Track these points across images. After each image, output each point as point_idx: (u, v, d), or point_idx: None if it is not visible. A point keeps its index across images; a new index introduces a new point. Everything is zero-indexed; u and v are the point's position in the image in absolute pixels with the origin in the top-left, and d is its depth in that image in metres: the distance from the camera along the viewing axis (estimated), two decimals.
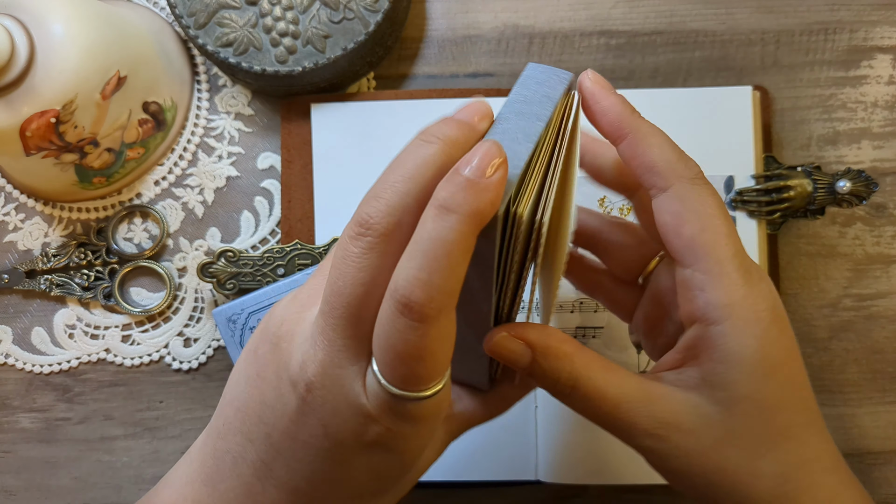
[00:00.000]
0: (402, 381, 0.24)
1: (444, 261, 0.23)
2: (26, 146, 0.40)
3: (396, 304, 0.23)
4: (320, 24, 0.42)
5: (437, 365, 0.25)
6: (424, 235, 0.23)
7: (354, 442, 0.26)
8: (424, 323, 0.23)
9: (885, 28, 0.46)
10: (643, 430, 0.28)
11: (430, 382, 0.25)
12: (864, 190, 0.43)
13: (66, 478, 0.46)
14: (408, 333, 0.23)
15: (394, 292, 0.23)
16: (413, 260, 0.23)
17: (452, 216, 0.23)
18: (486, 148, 0.24)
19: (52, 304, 0.46)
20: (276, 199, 0.46)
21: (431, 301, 0.23)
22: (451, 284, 0.23)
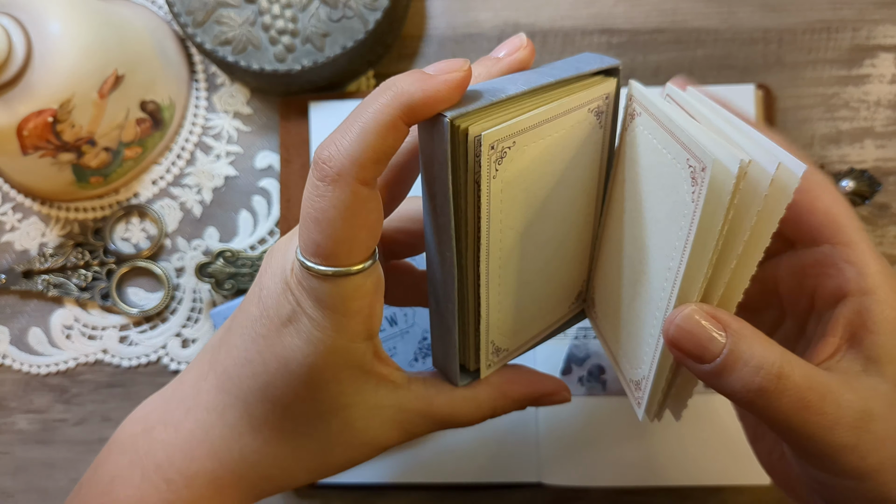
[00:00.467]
0: (304, 248, 0.25)
1: (356, 125, 0.23)
2: (23, 145, 0.40)
3: (312, 167, 0.24)
4: (319, 23, 0.42)
5: (335, 236, 0.24)
6: (357, 107, 0.24)
7: (275, 313, 0.27)
8: (325, 182, 0.24)
9: (887, 27, 0.46)
10: (848, 423, 0.25)
11: (331, 257, 0.25)
12: (867, 189, 0.43)
13: (64, 479, 0.46)
14: (311, 192, 0.24)
15: (314, 156, 0.24)
16: (337, 127, 0.24)
17: (385, 93, 0.24)
18: (455, 60, 0.25)
19: (50, 304, 0.46)
20: (274, 199, 0.46)
21: (332, 159, 0.23)
22: (359, 151, 0.23)
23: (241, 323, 0.28)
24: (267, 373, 0.27)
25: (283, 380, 0.27)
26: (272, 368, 0.27)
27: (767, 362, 0.25)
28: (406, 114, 0.24)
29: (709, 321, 0.25)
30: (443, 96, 0.24)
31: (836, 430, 0.25)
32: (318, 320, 0.26)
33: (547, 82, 0.27)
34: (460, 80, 0.24)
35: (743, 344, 0.25)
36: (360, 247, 0.25)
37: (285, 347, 0.27)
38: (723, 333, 0.25)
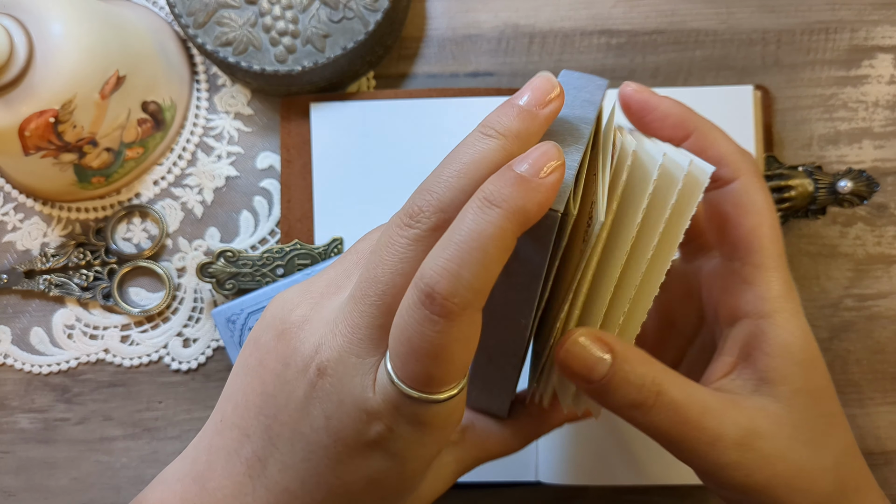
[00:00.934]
0: (413, 379, 0.23)
1: (477, 254, 0.21)
2: (25, 146, 0.40)
3: (419, 294, 0.22)
4: (320, 24, 0.42)
5: (452, 368, 0.23)
6: (461, 227, 0.22)
7: (355, 440, 0.25)
8: (445, 318, 0.22)
9: (886, 27, 0.46)
10: (732, 441, 0.27)
11: (442, 386, 0.23)
12: (865, 190, 0.43)
13: (65, 478, 0.46)
14: (426, 327, 0.22)
15: (419, 281, 0.22)
16: (445, 250, 0.22)
17: (495, 210, 0.21)
18: (545, 149, 0.23)
19: (51, 304, 0.46)
20: (275, 199, 0.46)
21: (456, 295, 0.21)
22: (481, 282, 0.22)
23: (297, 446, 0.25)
24: (350, 493, 0.26)
25: (369, 493, 0.26)
26: (357, 488, 0.26)
27: (647, 380, 0.27)
28: (521, 230, 0.22)
29: (596, 344, 0.27)
30: (551, 202, 0.22)
31: (717, 447, 0.27)
32: (416, 439, 0.25)
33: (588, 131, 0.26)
34: (561, 175, 0.22)
35: (626, 365, 0.27)
36: (468, 367, 0.24)
37: (374, 470, 0.25)
38: (608, 356, 0.27)
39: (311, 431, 0.25)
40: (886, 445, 0.44)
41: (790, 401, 0.28)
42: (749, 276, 0.28)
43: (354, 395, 0.24)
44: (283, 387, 0.26)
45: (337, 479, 0.25)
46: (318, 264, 0.42)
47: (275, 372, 0.26)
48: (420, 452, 0.25)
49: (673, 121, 0.29)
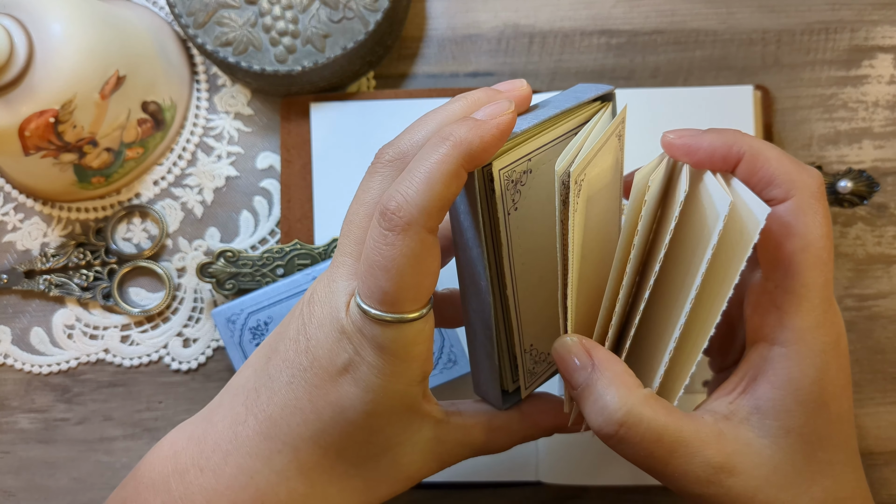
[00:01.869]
0: (369, 295, 0.25)
1: (423, 176, 0.24)
2: (25, 146, 0.40)
3: (377, 215, 0.25)
4: (320, 24, 0.42)
5: (403, 284, 0.25)
6: (417, 158, 0.25)
7: (329, 362, 0.27)
8: (394, 232, 0.24)
9: (886, 27, 0.46)
10: (697, 478, 0.27)
11: (397, 305, 0.25)
12: (865, 190, 0.43)
13: (65, 478, 0.46)
14: (379, 241, 0.25)
15: (378, 205, 0.25)
16: (401, 177, 0.25)
17: (444, 142, 0.25)
18: (499, 103, 0.26)
19: (51, 304, 0.46)
20: (275, 199, 0.46)
21: (402, 209, 0.24)
22: (427, 201, 0.24)
23: (284, 370, 0.28)
24: (320, 420, 0.27)
25: (338, 427, 0.27)
26: (326, 416, 0.27)
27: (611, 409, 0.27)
28: (467, 161, 0.25)
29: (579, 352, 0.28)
30: (496, 141, 0.25)
31: (685, 482, 0.27)
32: (378, 367, 0.26)
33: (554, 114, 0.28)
34: (509, 122, 0.25)
35: (600, 382, 0.27)
36: (424, 293, 0.26)
37: (342, 396, 0.27)
38: (589, 368, 0.28)
39: (295, 354, 0.28)
40: (887, 445, 0.44)
41: (779, 439, 0.27)
42: (779, 299, 0.27)
43: (332, 315, 0.27)
44: (286, 325, 0.29)
45: (310, 403, 0.27)
46: (319, 264, 0.42)
47: (286, 321, 0.29)
48: (383, 384, 0.27)
49: (720, 153, 0.28)
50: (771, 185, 0.28)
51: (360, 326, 0.26)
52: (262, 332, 0.42)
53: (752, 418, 0.27)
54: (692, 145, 0.29)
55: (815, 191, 0.27)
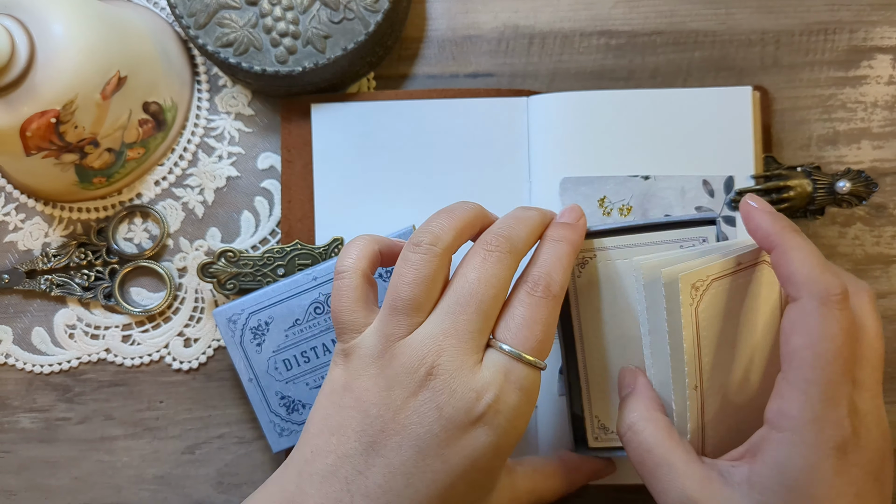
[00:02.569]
0: (523, 342, 0.31)
1: (560, 264, 0.33)
2: (26, 146, 0.40)
3: (528, 287, 0.32)
4: (320, 25, 0.43)
5: (549, 336, 0.32)
6: (548, 251, 0.34)
7: (465, 417, 0.30)
8: (547, 299, 0.32)
9: (884, 28, 0.46)
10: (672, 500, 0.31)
11: (542, 352, 0.31)
12: (863, 190, 0.43)
13: (66, 478, 0.46)
14: (535, 305, 0.32)
15: (526, 282, 0.32)
16: (541, 264, 0.33)
17: (563, 243, 0.34)
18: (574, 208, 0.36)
19: (53, 304, 0.46)
20: (276, 200, 0.46)
21: (550, 286, 0.32)
22: (562, 280, 0.33)
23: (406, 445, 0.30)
24: (451, 474, 0.30)
25: (467, 475, 0.31)
26: (458, 469, 0.30)
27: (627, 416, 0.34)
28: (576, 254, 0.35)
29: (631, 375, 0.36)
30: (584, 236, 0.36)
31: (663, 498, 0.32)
32: (517, 407, 0.31)
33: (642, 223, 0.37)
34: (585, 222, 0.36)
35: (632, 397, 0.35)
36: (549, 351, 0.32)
37: (476, 447, 0.30)
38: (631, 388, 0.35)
39: (420, 426, 0.30)
40: None
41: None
42: (781, 388, 0.30)
43: (465, 381, 0.30)
44: (389, 402, 0.31)
45: (442, 463, 0.30)
46: (319, 264, 0.43)
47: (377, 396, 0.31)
48: (517, 422, 0.31)
49: (760, 234, 0.32)
50: (787, 283, 0.31)
51: (507, 371, 0.31)
52: (263, 331, 0.42)
53: (742, 486, 0.30)
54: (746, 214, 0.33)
55: (827, 296, 0.29)
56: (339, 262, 0.34)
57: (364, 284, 0.34)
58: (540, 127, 0.44)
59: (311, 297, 0.41)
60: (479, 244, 0.33)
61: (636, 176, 0.43)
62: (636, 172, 0.43)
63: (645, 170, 0.43)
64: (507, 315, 0.32)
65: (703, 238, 0.36)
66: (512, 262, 0.32)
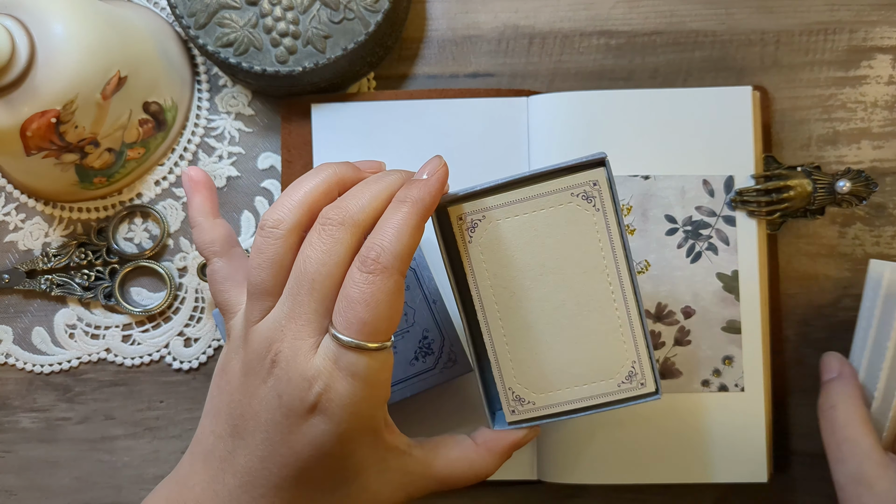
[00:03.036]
0: (348, 326, 0.29)
1: (393, 230, 0.30)
2: (27, 146, 0.40)
3: (358, 264, 0.30)
4: (320, 25, 0.43)
5: (379, 315, 0.29)
6: (385, 217, 0.31)
7: (300, 406, 0.30)
8: (374, 274, 0.29)
9: (884, 28, 0.46)
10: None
11: (372, 336, 0.29)
12: (863, 190, 0.43)
13: (67, 478, 0.46)
14: (361, 283, 0.29)
15: (358, 256, 0.30)
16: (373, 235, 0.30)
17: (404, 203, 0.31)
18: (432, 160, 0.32)
19: (53, 303, 0.47)
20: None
21: (379, 257, 0.29)
22: (399, 249, 0.30)
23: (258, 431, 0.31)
24: (299, 459, 0.30)
25: (314, 459, 0.31)
26: (305, 454, 0.30)
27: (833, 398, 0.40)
28: (425, 214, 0.31)
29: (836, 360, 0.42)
30: (439, 192, 0.32)
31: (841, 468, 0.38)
32: (350, 393, 0.30)
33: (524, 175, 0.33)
34: (444, 175, 0.32)
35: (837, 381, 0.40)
36: (393, 326, 0.30)
37: (315, 435, 0.30)
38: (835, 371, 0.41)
39: (266, 413, 0.31)
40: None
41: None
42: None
43: (300, 368, 0.30)
44: (245, 388, 0.31)
45: (288, 448, 0.30)
46: None
47: (238, 381, 0.32)
48: (354, 409, 0.30)
49: None
50: None
51: (336, 358, 0.30)
52: None
53: None
54: None
55: None
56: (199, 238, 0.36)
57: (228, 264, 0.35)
58: (540, 127, 0.44)
59: None
60: (318, 219, 0.31)
61: (636, 176, 0.43)
62: (636, 172, 0.43)
63: (645, 169, 0.43)
64: (340, 296, 0.30)
65: (595, 182, 0.33)
66: (348, 237, 0.30)
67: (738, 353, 0.43)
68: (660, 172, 0.43)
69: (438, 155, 0.33)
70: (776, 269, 0.45)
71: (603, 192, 0.33)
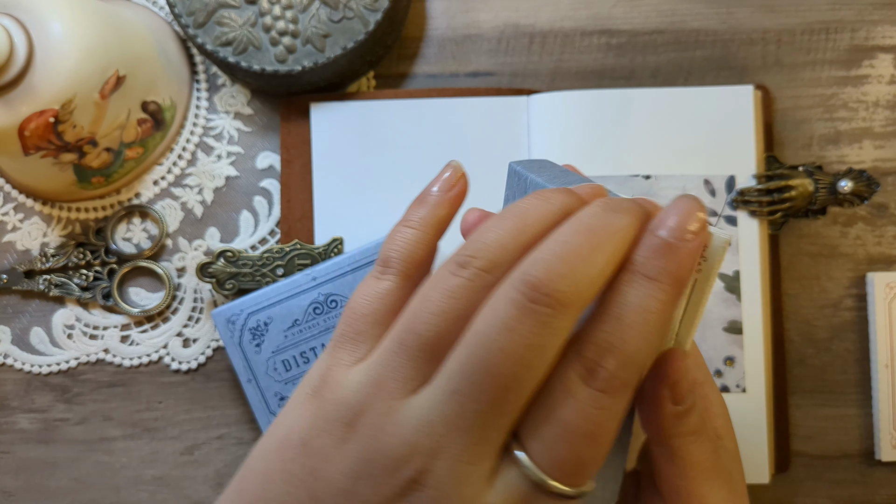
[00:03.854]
0: (559, 466, 0.20)
1: (641, 329, 0.20)
2: (25, 146, 0.40)
3: (582, 372, 0.20)
4: (320, 24, 0.42)
5: (603, 451, 0.20)
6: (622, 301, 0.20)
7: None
8: (611, 395, 0.19)
9: (886, 27, 0.46)
10: None
11: (587, 477, 0.20)
12: (865, 190, 0.43)
13: (65, 478, 0.46)
14: (589, 404, 0.19)
15: (581, 356, 0.20)
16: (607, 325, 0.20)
17: (656, 286, 0.20)
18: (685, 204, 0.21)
19: (51, 304, 0.46)
20: (275, 199, 0.46)
21: (622, 369, 0.19)
22: (645, 357, 0.20)
23: None
24: None
25: None
26: None
27: None
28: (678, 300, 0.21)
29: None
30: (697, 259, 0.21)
31: None
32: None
33: None
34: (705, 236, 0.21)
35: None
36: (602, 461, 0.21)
37: None
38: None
39: None
40: None
41: None
42: None
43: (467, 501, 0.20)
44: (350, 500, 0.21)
45: None
46: (319, 264, 0.42)
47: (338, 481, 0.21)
48: None
49: None
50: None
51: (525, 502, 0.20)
52: (262, 332, 0.42)
53: None
54: None
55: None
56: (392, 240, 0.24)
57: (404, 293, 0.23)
58: (540, 126, 0.44)
59: (310, 297, 0.41)
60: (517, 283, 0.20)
61: (637, 175, 0.43)
62: (637, 172, 0.43)
63: (646, 169, 0.43)
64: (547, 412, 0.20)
65: None
66: (567, 323, 0.20)
67: (739, 354, 0.43)
68: (661, 172, 0.43)
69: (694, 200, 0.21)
70: (778, 269, 0.45)
71: None
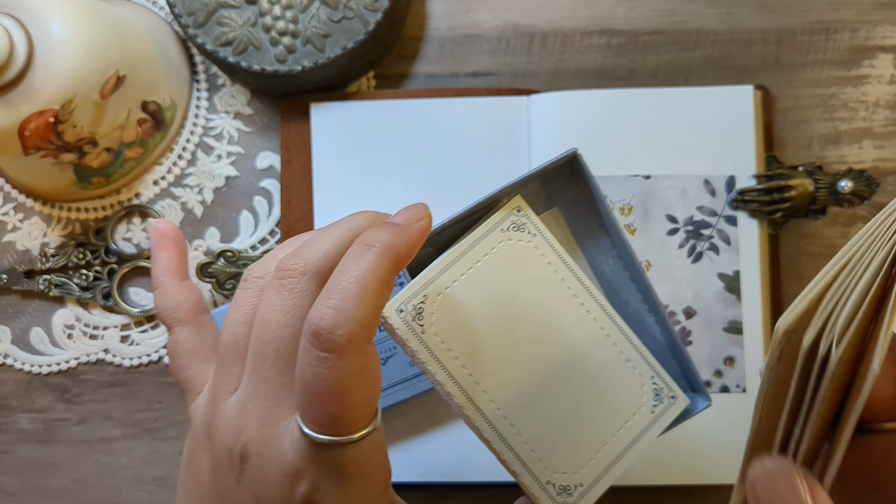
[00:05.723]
0: (318, 423, 0.23)
1: (356, 288, 0.23)
2: (25, 146, 0.40)
3: (308, 336, 0.23)
4: (320, 24, 0.42)
5: (353, 403, 0.23)
6: (343, 267, 0.23)
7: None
8: (333, 353, 0.22)
9: (886, 27, 0.46)
10: None
11: (349, 426, 0.23)
12: (865, 190, 0.43)
13: (65, 478, 0.46)
14: (318, 366, 0.22)
15: (306, 324, 0.23)
16: (328, 291, 0.23)
17: (370, 249, 0.24)
18: (414, 206, 0.26)
19: (51, 304, 0.46)
20: (275, 199, 0.46)
21: (337, 327, 0.22)
22: (363, 313, 0.22)
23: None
24: None
25: None
26: None
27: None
28: (396, 267, 0.24)
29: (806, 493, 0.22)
30: (419, 244, 0.25)
31: None
32: (342, 493, 0.24)
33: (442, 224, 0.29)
34: (428, 225, 0.25)
35: None
36: (375, 404, 0.24)
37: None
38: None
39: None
40: None
41: None
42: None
43: (276, 463, 0.24)
44: (217, 489, 0.26)
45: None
46: None
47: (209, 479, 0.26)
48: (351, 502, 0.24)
49: None
50: None
51: (313, 457, 0.24)
52: None
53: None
54: None
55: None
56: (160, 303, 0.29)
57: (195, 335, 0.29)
58: (540, 126, 0.44)
59: None
60: (274, 273, 0.25)
61: (637, 175, 0.43)
62: (637, 172, 0.43)
63: (646, 169, 0.43)
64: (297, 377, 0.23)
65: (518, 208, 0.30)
66: (313, 287, 0.24)
67: (739, 354, 0.43)
68: (661, 172, 0.43)
69: (423, 203, 0.27)
70: (778, 269, 0.45)
71: (530, 215, 0.31)
